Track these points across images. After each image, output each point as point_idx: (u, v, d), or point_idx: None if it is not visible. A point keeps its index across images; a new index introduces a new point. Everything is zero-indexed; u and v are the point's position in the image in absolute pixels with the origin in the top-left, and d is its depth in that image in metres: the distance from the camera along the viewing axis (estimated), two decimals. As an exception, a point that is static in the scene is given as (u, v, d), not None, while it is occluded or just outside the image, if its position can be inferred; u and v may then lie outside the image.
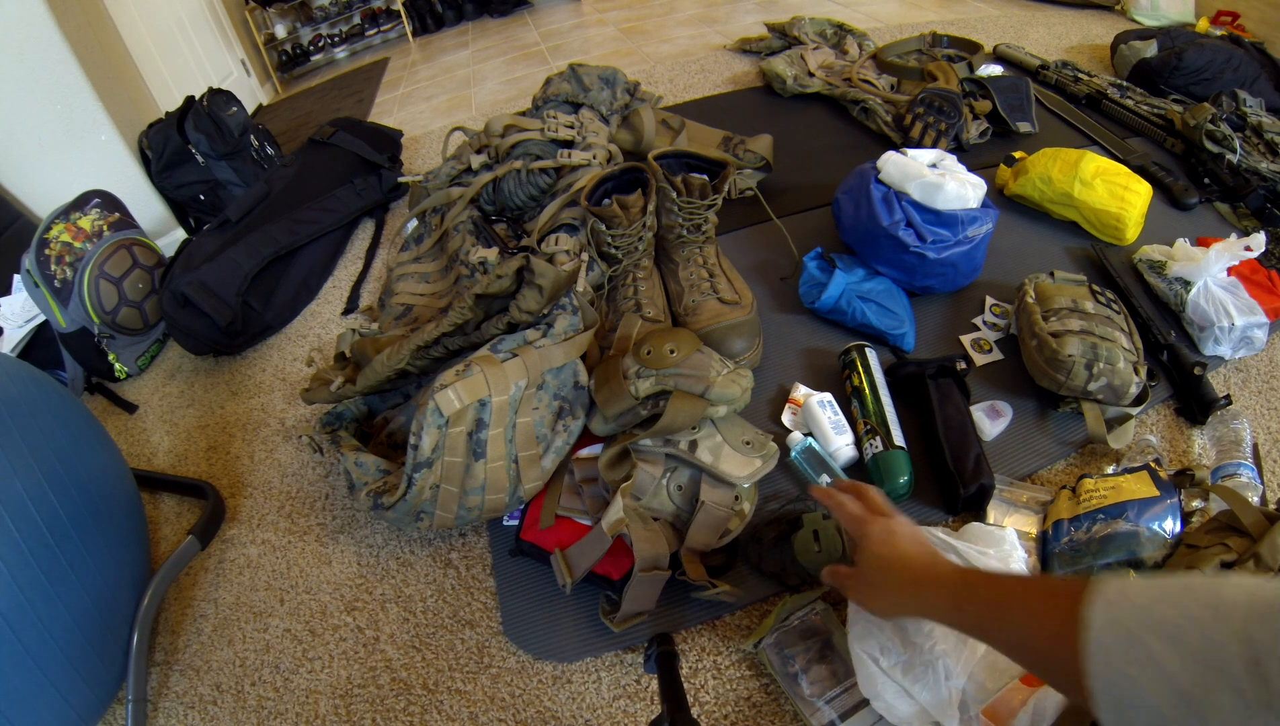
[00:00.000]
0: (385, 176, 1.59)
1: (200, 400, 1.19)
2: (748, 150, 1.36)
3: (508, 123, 1.37)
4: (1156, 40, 1.59)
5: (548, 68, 2.40)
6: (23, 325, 1.23)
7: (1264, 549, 0.60)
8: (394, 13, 3.42)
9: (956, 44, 1.76)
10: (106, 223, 1.26)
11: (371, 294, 1.36)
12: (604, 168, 1.28)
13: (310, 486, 1.00)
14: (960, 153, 1.30)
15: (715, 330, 0.94)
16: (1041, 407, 0.89)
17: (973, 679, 0.57)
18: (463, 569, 0.85)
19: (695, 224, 1.02)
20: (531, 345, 0.81)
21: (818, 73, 1.75)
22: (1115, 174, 1.11)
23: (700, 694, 0.69)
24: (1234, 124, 1.26)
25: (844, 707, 0.63)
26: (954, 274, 1.02)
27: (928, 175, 0.98)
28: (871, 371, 0.89)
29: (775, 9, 2.49)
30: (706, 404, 0.79)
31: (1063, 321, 0.86)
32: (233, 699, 0.77)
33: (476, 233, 1.25)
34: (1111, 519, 0.68)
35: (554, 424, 0.83)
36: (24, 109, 1.42)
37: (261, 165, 1.72)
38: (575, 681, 0.72)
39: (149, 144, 1.61)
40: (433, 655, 0.77)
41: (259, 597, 0.87)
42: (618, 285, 1.03)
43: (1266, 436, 0.83)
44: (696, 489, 0.78)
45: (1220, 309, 0.90)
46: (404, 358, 0.90)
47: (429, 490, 0.77)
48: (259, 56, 3.04)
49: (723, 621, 0.74)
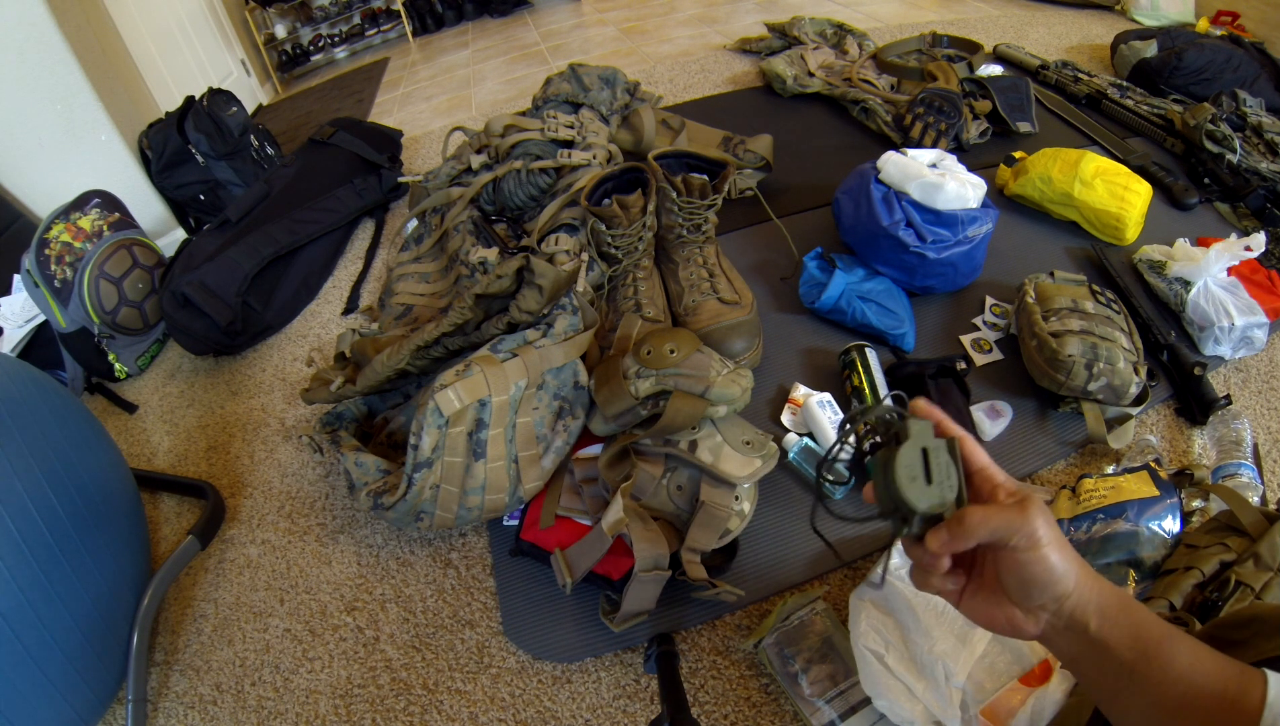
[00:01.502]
0: (385, 176, 1.59)
1: (200, 400, 1.19)
2: (748, 150, 1.36)
3: (508, 123, 1.37)
4: (1156, 40, 1.59)
5: (548, 68, 2.40)
6: (23, 325, 1.23)
7: (1263, 549, 0.60)
8: (394, 13, 3.42)
9: (956, 44, 1.76)
10: (106, 223, 1.26)
11: (371, 294, 1.36)
12: (604, 168, 1.28)
13: (310, 486, 1.00)
14: (960, 153, 1.30)
15: (715, 330, 0.94)
16: (1041, 407, 0.89)
17: (972, 679, 0.57)
18: (463, 569, 0.85)
19: (695, 224, 1.02)
20: (531, 345, 0.82)
21: (818, 73, 1.75)
22: (1115, 174, 1.11)
23: (700, 694, 0.69)
24: (1234, 124, 1.26)
25: (844, 707, 0.63)
26: (954, 274, 1.02)
27: (928, 175, 0.98)
28: (871, 371, 0.89)
29: (775, 9, 2.49)
30: (706, 404, 0.79)
31: (1063, 321, 0.86)
32: (233, 699, 0.77)
33: (476, 233, 1.25)
34: (1111, 519, 0.68)
35: (554, 424, 0.83)
36: (24, 109, 1.42)
37: (261, 165, 1.72)
38: (575, 681, 0.72)
39: (149, 144, 1.61)
40: (433, 655, 0.77)
41: (259, 597, 0.87)
42: (618, 285, 1.03)
43: (1266, 436, 0.83)
44: (696, 489, 0.78)
45: (1220, 309, 0.90)
46: (404, 357, 0.90)
47: (429, 490, 0.77)
48: (259, 56, 3.04)
49: (723, 621, 0.74)
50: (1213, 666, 0.34)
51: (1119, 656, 0.36)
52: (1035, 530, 0.36)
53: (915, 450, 0.40)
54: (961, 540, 0.37)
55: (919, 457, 0.40)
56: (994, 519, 0.36)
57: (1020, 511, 0.36)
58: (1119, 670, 0.36)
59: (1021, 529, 0.36)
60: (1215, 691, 0.34)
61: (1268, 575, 0.59)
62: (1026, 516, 0.36)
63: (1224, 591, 0.59)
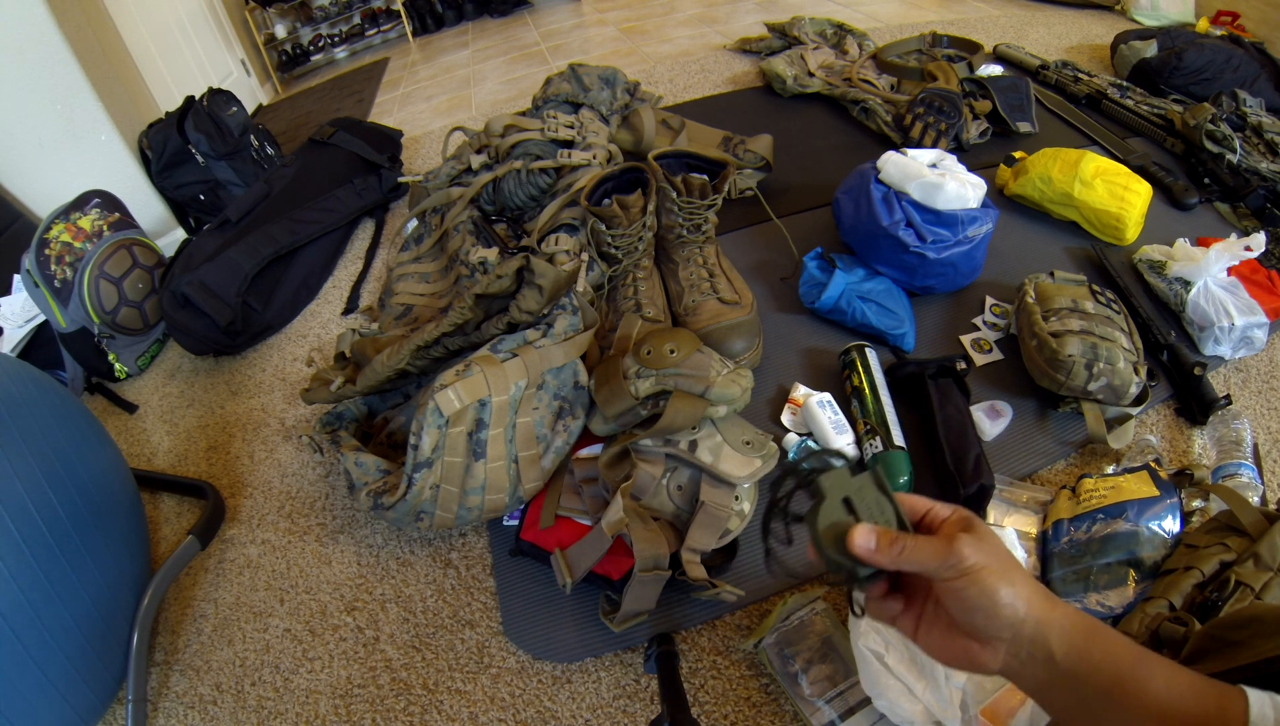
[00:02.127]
0: (385, 176, 1.59)
1: (200, 400, 1.19)
2: (748, 150, 1.36)
3: (508, 123, 1.37)
4: (1156, 40, 1.59)
5: (548, 68, 2.40)
6: (23, 325, 1.23)
7: (1263, 548, 0.60)
8: (394, 13, 3.42)
9: (956, 44, 1.76)
10: (106, 223, 1.26)
11: (371, 294, 1.36)
12: (604, 168, 1.28)
13: (310, 486, 1.00)
14: (960, 153, 1.30)
15: (715, 330, 0.94)
16: (1041, 407, 0.89)
17: (972, 679, 0.57)
18: (463, 569, 0.85)
19: (695, 224, 1.02)
20: (531, 345, 0.82)
21: (818, 73, 1.75)
22: (1115, 174, 1.11)
23: (700, 694, 0.69)
24: (1234, 124, 1.26)
25: (844, 707, 0.63)
26: (954, 274, 1.02)
27: (928, 175, 0.98)
28: (871, 371, 0.89)
29: (775, 9, 2.49)
30: (706, 404, 0.79)
31: (1063, 321, 0.86)
32: (233, 699, 0.77)
33: (476, 233, 1.25)
34: (1111, 518, 0.68)
35: (554, 424, 0.83)
36: (24, 109, 1.42)
37: (261, 165, 1.72)
38: (575, 681, 0.72)
39: (149, 144, 1.61)
40: (433, 655, 0.77)
41: (259, 597, 0.87)
42: (618, 285, 1.03)
43: (1266, 436, 0.83)
44: (696, 489, 0.78)
45: (1220, 309, 0.90)
46: (404, 358, 0.90)
47: (429, 490, 0.77)
48: (259, 56, 3.04)
49: (723, 621, 0.74)
50: (1190, 687, 0.34)
51: (1090, 683, 0.34)
52: (962, 558, 0.35)
53: (835, 503, 0.40)
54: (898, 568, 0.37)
55: (841, 508, 0.39)
56: (920, 550, 0.36)
57: (946, 541, 0.36)
58: (1092, 698, 0.34)
59: (947, 558, 0.35)
60: (1194, 713, 0.33)
61: (1268, 575, 0.59)
62: (953, 546, 0.35)
63: (1224, 591, 0.59)
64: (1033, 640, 0.35)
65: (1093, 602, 0.65)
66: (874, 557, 0.37)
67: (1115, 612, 0.64)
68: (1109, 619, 0.64)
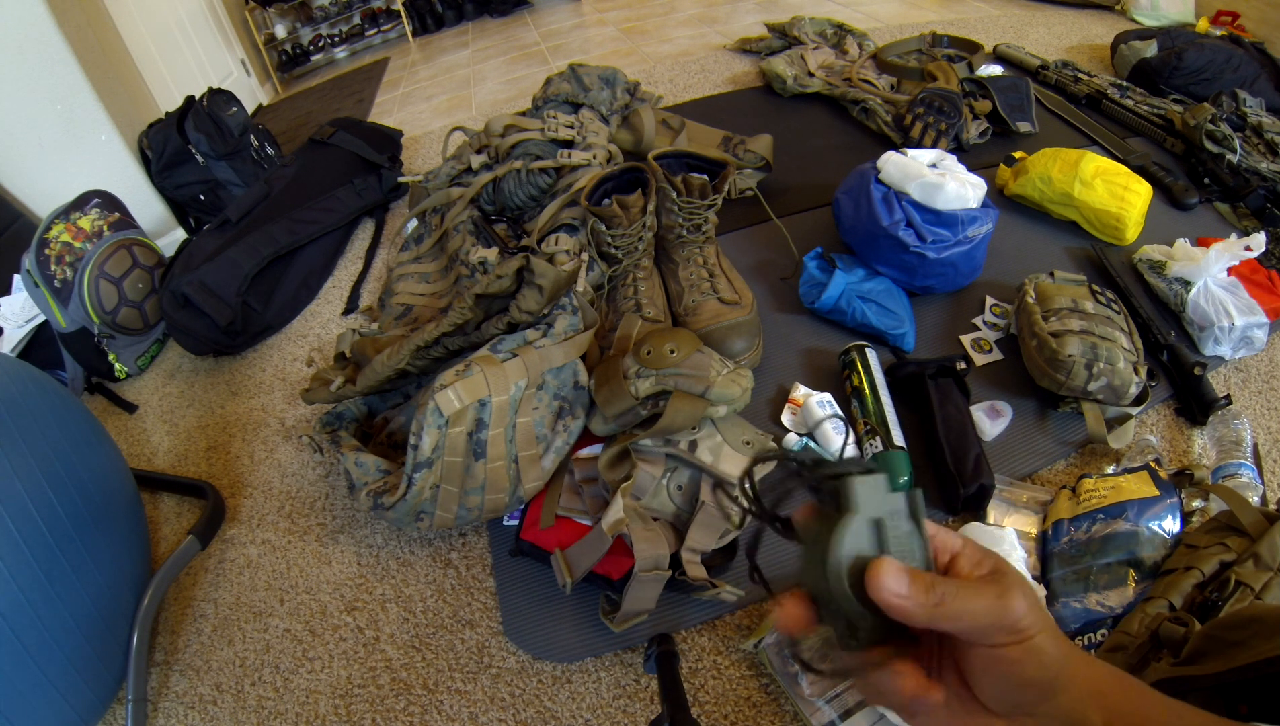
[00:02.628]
0: (385, 176, 1.59)
1: (200, 400, 1.19)
2: (748, 150, 1.36)
3: (508, 123, 1.37)
4: (1156, 40, 1.59)
5: (548, 68, 2.40)
6: (23, 325, 1.23)
7: (1263, 549, 0.60)
8: (394, 13, 3.42)
9: (956, 44, 1.76)
10: (106, 223, 1.26)
11: (371, 294, 1.36)
12: (604, 168, 1.28)
13: (310, 486, 1.00)
14: (960, 153, 1.30)
15: (715, 330, 0.94)
16: (1041, 407, 0.89)
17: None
18: (463, 569, 0.85)
19: (695, 224, 1.02)
20: (531, 345, 0.82)
21: (818, 73, 1.75)
22: (1115, 174, 1.11)
23: (700, 694, 0.69)
24: (1234, 124, 1.26)
25: (844, 707, 0.63)
26: (954, 274, 1.02)
27: (928, 175, 0.98)
28: (871, 371, 0.89)
29: (775, 9, 2.49)
30: (706, 404, 0.79)
31: (1063, 321, 0.86)
32: (233, 699, 0.77)
33: (476, 233, 1.25)
34: (1111, 518, 0.68)
35: (554, 424, 0.83)
36: (24, 109, 1.42)
37: (261, 165, 1.72)
38: (575, 681, 0.72)
39: (149, 144, 1.61)
40: (433, 655, 0.77)
41: (259, 597, 0.87)
42: (618, 285, 1.03)
43: (1266, 436, 0.83)
44: (696, 489, 0.78)
45: (1220, 309, 0.90)
46: (404, 358, 0.90)
47: (429, 490, 0.77)
48: (259, 56, 3.04)
49: (723, 621, 0.74)
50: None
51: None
52: (1018, 617, 0.26)
53: (862, 523, 0.27)
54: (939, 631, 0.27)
55: (868, 532, 0.27)
56: (967, 600, 0.26)
57: (999, 590, 0.27)
58: None
59: (1002, 617, 0.26)
60: None
61: (1268, 575, 0.59)
62: (1008, 601, 0.26)
63: (1224, 591, 0.59)
64: (1069, 713, 0.28)
65: (1093, 602, 0.65)
66: (903, 605, 0.27)
67: (1115, 612, 0.64)
68: (1109, 619, 0.64)
